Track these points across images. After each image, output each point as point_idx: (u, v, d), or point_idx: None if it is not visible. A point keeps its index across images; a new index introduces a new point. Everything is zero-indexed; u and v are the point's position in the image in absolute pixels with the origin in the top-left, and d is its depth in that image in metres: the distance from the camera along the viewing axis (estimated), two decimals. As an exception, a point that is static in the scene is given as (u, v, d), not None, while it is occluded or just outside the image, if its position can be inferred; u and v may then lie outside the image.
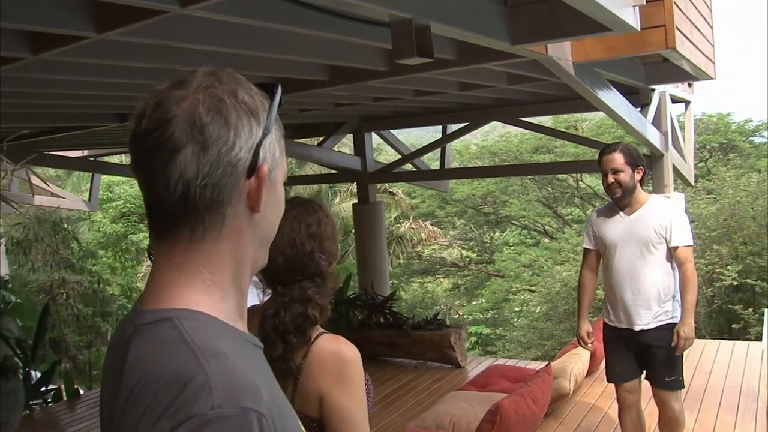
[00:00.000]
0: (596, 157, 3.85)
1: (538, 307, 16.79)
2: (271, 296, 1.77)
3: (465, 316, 20.33)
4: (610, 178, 3.64)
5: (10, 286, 9.15)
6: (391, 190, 20.71)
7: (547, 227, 20.37)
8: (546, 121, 18.01)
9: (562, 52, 4.22)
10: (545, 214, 19.99)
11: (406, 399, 5.74)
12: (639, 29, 3.36)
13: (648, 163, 6.70)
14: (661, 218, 3.63)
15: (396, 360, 6.91)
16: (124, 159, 14.04)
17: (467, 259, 21.33)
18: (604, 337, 3.92)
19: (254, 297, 1.85)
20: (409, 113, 8.38)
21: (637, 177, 3.65)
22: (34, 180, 11.27)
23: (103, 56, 3.28)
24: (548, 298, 15.76)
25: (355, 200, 9.44)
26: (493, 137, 21.28)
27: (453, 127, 8.67)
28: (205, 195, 0.89)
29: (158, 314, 0.89)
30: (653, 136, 5.97)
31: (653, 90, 6.24)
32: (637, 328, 3.68)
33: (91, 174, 11.04)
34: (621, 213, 3.73)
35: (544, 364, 5.32)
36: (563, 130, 15.85)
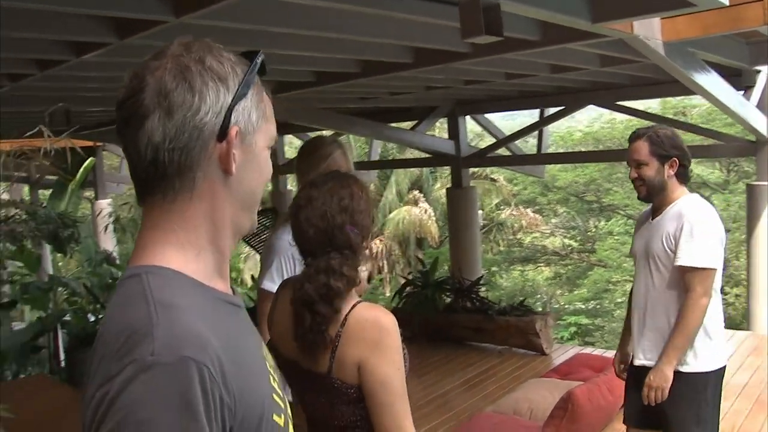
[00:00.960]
0: (705, 143, 3.46)
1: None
2: (303, 268, 1.81)
3: (565, 306, 19.91)
4: (633, 173, 2.95)
5: (117, 262, 9.71)
6: (492, 176, 20.49)
7: (652, 217, 19.55)
8: (653, 105, 17.32)
9: (651, 31, 4.05)
10: (651, 203, 19.18)
11: (488, 384, 5.71)
12: (728, 4, 3.18)
13: (754, 147, 6.39)
14: (672, 225, 2.84)
15: (481, 345, 6.87)
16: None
17: (569, 248, 20.85)
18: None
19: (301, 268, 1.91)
20: (503, 97, 8.26)
21: (669, 171, 2.87)
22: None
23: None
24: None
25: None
26: (599, 124, 20.58)
27: (551, 112, 8.50)
28: (173, 159, 0.94)
29: (132, 270, 0.95)
30: (757, 121, 5.65)
31: (759, 71, 5.89)
32: (637, 363, 2.95)
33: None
34: (651, 218, 3.00)
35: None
36: (671, 116, 15.23)
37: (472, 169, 18.64)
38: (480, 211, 20.90)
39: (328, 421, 1.82)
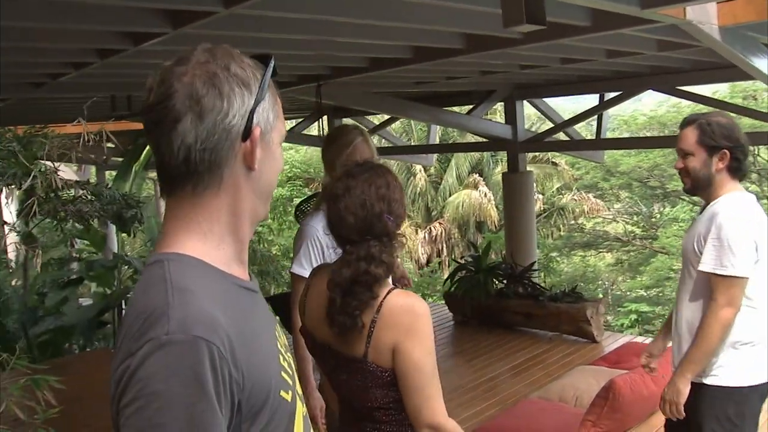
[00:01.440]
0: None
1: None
2: (341, 255, 1.88)
3: (626, 293, 19.58)
4: (679, 162, 2.73)
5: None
6: (553, 160, 20.23)
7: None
8: (722, 88, 16.79)
9: (706, 16, 3.95)
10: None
11: (536, 370, 5.72)
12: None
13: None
14: (704, 226, 2.63)
15: (532, 331, 6.86)
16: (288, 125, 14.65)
17: (631, 234, 20.46)
18: None
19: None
20: (562, 81, 8.15)
21: (718, 164, 2.62)
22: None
23: (235, 29, 3.51)
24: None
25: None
26: (665, 107, 20.06)
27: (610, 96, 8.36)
28: (204, 158, 1.04)
29: (157, 257, 1.06)
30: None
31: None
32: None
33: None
34: (699, 213, 2.81)
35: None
36: (739, 100, 14.72)
37: (533, 154, 18.58)
38: (540, 196, 20.69)
39: (363, 403, 1.89)
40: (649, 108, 21.41)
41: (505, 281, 7.35)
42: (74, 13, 3.13)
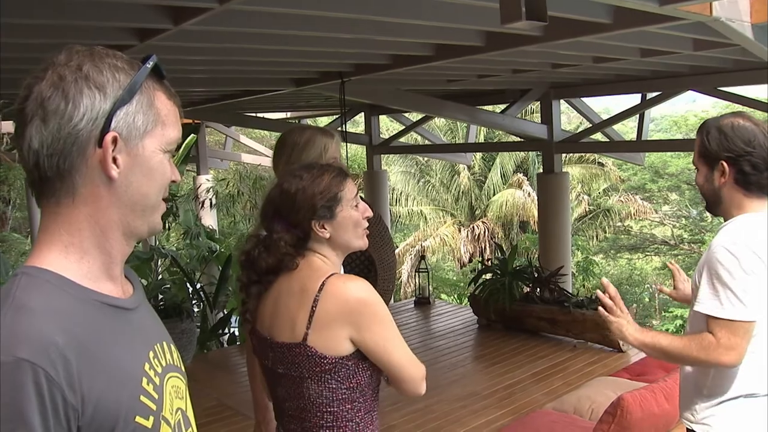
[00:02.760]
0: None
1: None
2: None
3: (672, 301, 19.09)
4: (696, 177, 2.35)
5: (216, 236, 10.05)
6: (600, 161, 19.83)
7: None
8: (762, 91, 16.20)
9: (737, 13, 3.75)
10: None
11: (555, 379, 5.53)
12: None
13: None
14: (703, 258, 2.21)
15: (556, 337, 6.67)
16: (318, 121, 14.64)
17: (679, 238, 19.93)
18: None
19: None
20: (599, 81, 7.92)
21: (720, 179, 2.19)
22: (243, 139, 12.21)
23: (237, 25, 3.47)
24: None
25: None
26: (718, 108, 19.47)
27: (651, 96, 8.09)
28: (53, 164, 0.98)
29: (17, 270, 1.01)
30: None
31: None
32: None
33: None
34: None
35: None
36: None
37: (579, 154, 18.24)
38: (586, 197, 20.31)
39: (296, 403, 1.82)
40: (701, 108, 20.86)
41: (530, 285, 7.17)
42: (81, 9, 3.13)
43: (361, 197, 1.99)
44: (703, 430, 2.25)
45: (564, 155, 10.16)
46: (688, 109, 21.17)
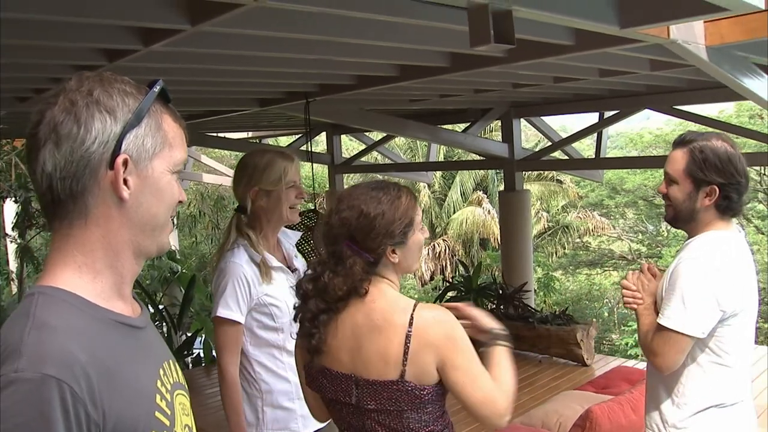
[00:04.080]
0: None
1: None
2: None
3: (632, 312, 19.39)
4: (663, 187, 2.35)
5: (177, 257, 9.96)
6: (558, 178, 20.15)
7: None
8: (729, 108, 16.68)
9: (692, 36, 3.89)
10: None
11: (521, 394, 5.59)
12: (764, 8, 3.01)
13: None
14: (667, 272, 2.28)
15: (522, 353, 6.74)
16: (280, 141, 14.59)
17: (636, 253, 20.32)
18: None
19: None
20: (558, 100, 8.09)
21: (704, 201, 2.22)
22: (204, 159, 12.13)
23: (207, 47, 3.48)
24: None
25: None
26: (671, 126, 19.97)
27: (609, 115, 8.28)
28: (66, 186, 1.01)
29: (32, 289, 1.03)
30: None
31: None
32: None
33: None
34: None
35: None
36: (746, 119, 14.61)
37: (537, 171, 18.55)
38: (545, 213, 20.61)
39: None
40: (656, 126, 21.35)
41: (495, 302, 7.24)
42: (51, 30, 3.11)
43: None
44: None
45: (524, 173, 10.30)
46: (642, 126, 21.63)
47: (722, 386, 2.23)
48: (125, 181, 1.04)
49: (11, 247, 11.64)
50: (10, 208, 10.20)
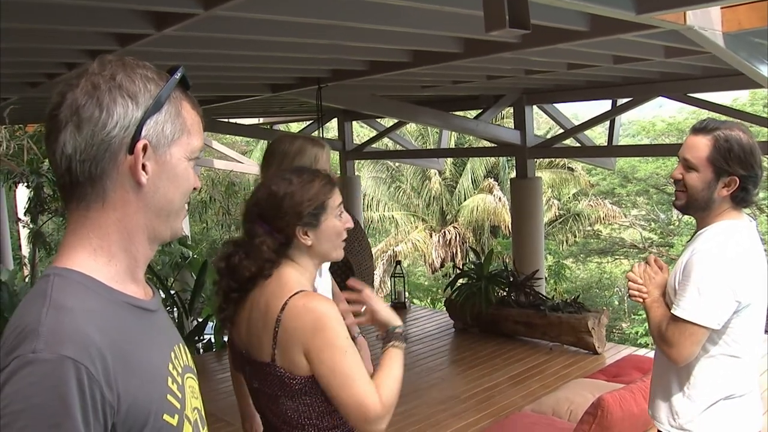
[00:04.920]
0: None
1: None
2: None
3: (642, 301, 19.32)
4: (677, 172, 2.27)
5: (189, 242, 9.98)
6: (570, 165, 20.04)
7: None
8: (743, 96, 16.54)
9: (709, 22, 3.84)
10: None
11: (532, 381, 5.60)
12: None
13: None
14: (685, 258, 2.23)
15: (532, 340, 6.74)
16: (291, 127, 14.56)
17: (648, 241, 20.22)
18: None
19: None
20: (571, 87, 8.04)
21: (722, 191, 2.18)
22: (215, 145, 12.14)
23: (219, 31, 3.47)
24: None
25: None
26: (684, 114, 19.80)
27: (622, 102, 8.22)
28: (85, 169, 1.02)
29: (47, 271, 1.03)
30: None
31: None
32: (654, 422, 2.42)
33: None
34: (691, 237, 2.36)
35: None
36: (760, 108, 14.47)
37: (549, 159, 18.46)
38: (556, 201, 20.51)
39: (276, 416, 1.81)
40: (669, 114, 21.18)
41: (506, 289, 7.23)
42: (63, 14, 3.10)
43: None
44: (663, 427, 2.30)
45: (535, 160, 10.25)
46: (655, 114, 21.46)
47: (733, 377, 2.23)
48: (144, 167, 1.04)
49: (23, 232, 11.72)
50: (23, 193, 10.27)
